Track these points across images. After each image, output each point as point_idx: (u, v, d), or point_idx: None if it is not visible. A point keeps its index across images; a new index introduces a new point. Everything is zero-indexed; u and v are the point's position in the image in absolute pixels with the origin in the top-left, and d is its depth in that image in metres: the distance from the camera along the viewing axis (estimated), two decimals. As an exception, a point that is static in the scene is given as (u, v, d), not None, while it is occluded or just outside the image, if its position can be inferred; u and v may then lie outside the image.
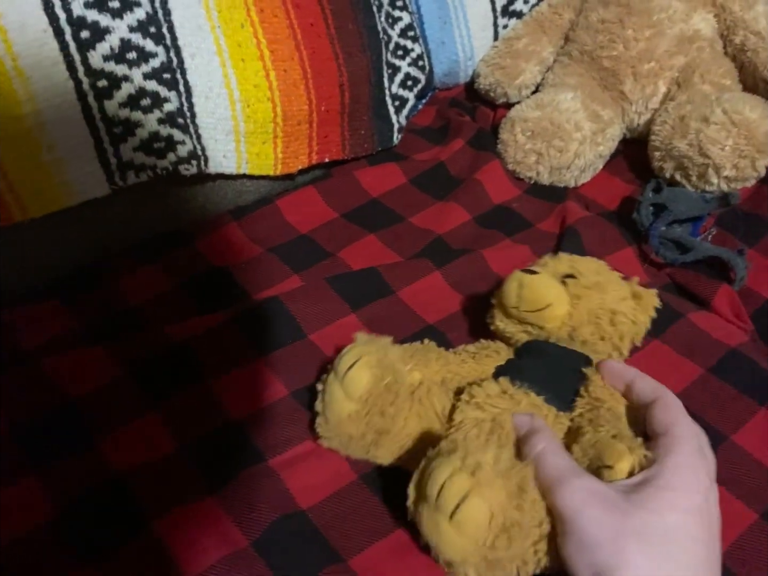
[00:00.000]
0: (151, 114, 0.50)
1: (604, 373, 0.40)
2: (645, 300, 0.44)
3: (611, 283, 0.44)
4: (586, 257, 0.47)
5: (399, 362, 0.41)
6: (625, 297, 0.44)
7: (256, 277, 0.55)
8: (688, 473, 0.33)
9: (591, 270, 0.45)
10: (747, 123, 0.57)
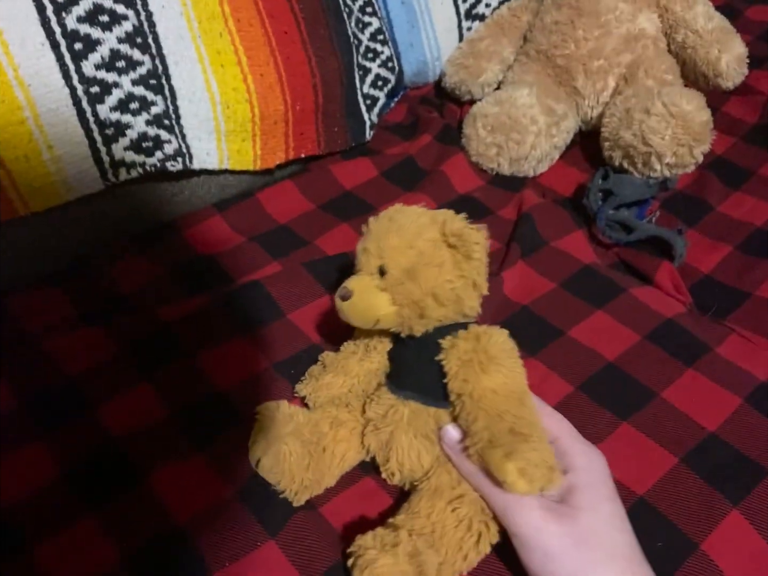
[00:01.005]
0: (139, 116, 0.55)
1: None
2: (463, 244, 0.40)
3: (421, 255, 0.40)
4: (391, 229, 0.42)
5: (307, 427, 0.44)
6: (440, 261, 0.40)
7: (239, 263, 0.60)
8: (594, 469, 0.40)
9: (396, 250, 0.41)
10: (684, 114, 0.62)
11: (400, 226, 0.42)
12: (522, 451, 0.35)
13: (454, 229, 0.40)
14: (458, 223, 0.41)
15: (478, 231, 0.41)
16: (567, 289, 0.58)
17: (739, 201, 0.67)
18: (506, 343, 0.40)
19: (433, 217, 0.42)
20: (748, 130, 0.75)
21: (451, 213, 0.43)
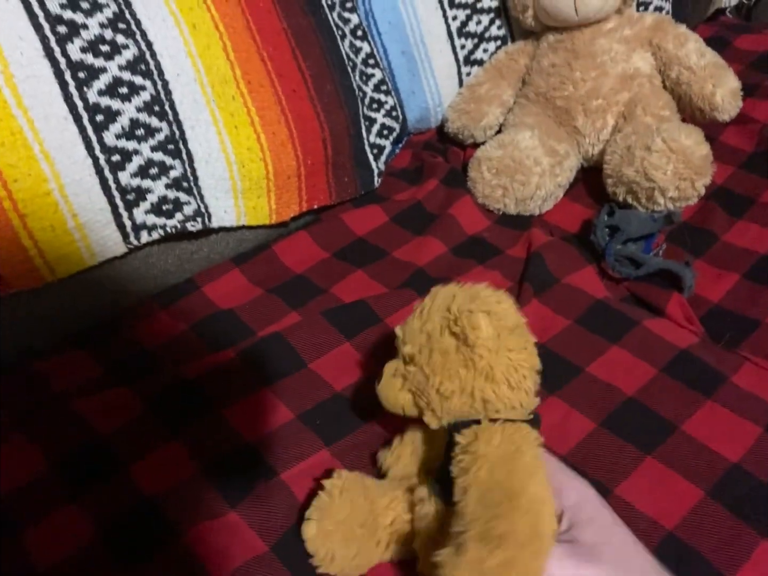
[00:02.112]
0: (159, 181, 0.57)
1: None
2: (461, 329, 0.36)
3: (429, 340, 0.38)
4: (420, 309, 0.40)
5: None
6: (444, 348, 0.37)
7: (259, 315, 0.62)
8: (589, 500, 0.38)
9: (413, 333, 0.39)
10: (684, 149, 0.64)
11: (426, 305, 0.39)
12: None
13: (453, 310, 0.37)
14: (464, 304, 0.37)
15: (482, 314, 0.36)
16: (582, 325, 0.59)
17: (743, 229, 0.68)
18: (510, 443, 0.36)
19: (462, 296, 0.38)
20: (746, 158, 0.77)
21: (476, 290, 0.39)
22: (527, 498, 0.33)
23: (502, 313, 0.38)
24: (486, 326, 0.36)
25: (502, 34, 0.81)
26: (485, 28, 0.80)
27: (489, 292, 0.39)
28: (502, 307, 0.38)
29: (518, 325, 0.39)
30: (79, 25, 0.52)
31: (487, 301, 0.38)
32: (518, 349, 0.38)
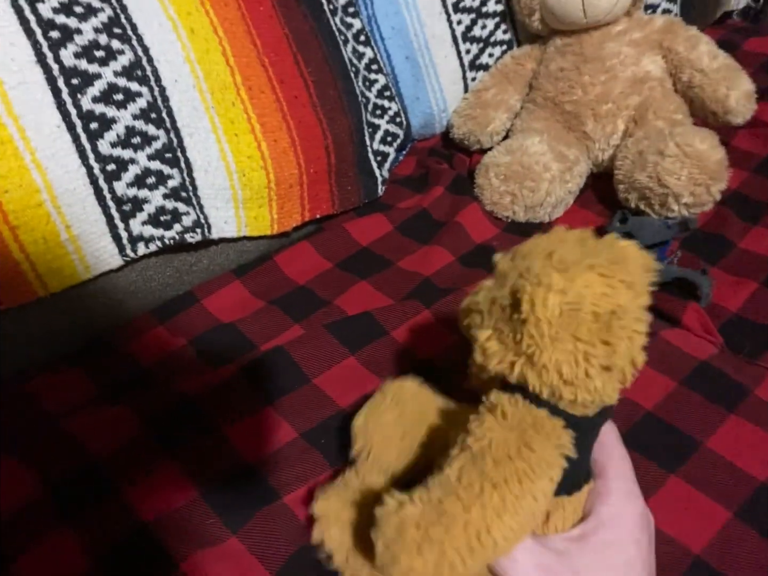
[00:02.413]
0: (156, 190, 0.55)
1: None
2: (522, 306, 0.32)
3: (495, 302, 0.34)
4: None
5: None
6: (504, 306, 0.33)
7: (260, 329, 0.60)
8: (619, 527, 0.35)
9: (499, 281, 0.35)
10: (698, 154, 0.62)
11: (523, 249, 0.37)
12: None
13: (523, 269, 0.33)
14: (544, 268, 0.32)
15: (550, 291, 0.31)
16: (596, 337, 0.57)
17: (759, 235, 0.66)
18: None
19: (560, 254, 0.33)
20: (760, 162, 0.75)
21: (591, 251, 0.34)
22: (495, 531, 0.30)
23: (588, 293, 0.31)
24: (543, 304, 0.30)
25: (507, 38, 0.80)
26: (490, 32, 0.78)
27: (603, 261, 0.32)
28: (598, 286, 0.31)
29: (619, 312, 0.32)
30: (72, 30, 0.50)
31: (583, 276, 0.31)
32: (593, 342, 0.31)
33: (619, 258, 0.34)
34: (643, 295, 0.34)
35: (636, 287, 0.33)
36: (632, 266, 0.34)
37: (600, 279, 0.32)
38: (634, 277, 0.33)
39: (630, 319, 0.33)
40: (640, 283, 0.34)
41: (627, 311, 0.33)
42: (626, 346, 0.33)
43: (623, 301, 0.32)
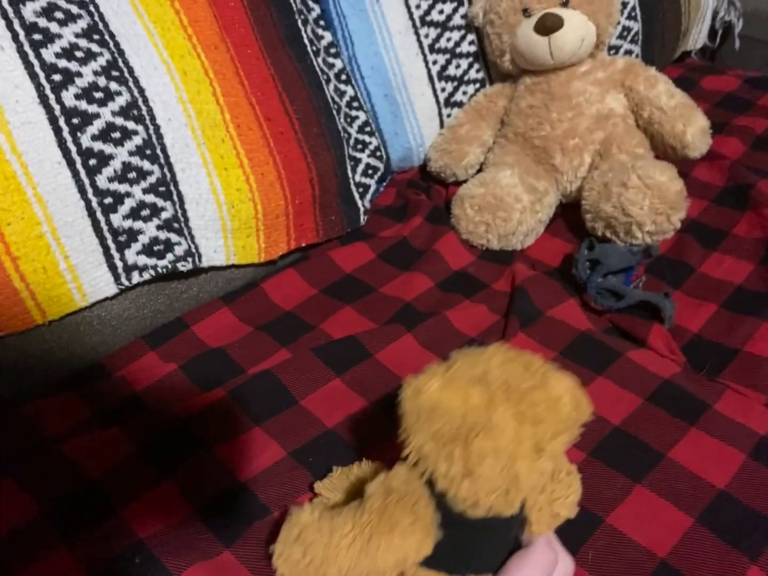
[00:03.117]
0: (150, 222, 0.58)
1: None
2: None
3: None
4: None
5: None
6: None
7: (249, 353, 0.62)
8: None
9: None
10: (659, 185, 0.67)
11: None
12: None
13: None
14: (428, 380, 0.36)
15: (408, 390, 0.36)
16: (567, 357, 0.60)
17: (718, 261, 0.70)
18: None
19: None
20: (718, 192, 0.80)
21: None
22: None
23: (456, 403, 0.34)
24: (411, 396, 0.35)
25: (480, 77, 0.85)
26: (464, 71, 0.83)
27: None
28: (476, 398, 0.34)
29: (485, 433, 0.33)
30: (73, 73, 0.53)
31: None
32: (451, 451, 0.33)
33: (539, 387, 0.35)
34: (550, 432, 0.34)
35: (545, 422, 0.34)
36: (551, 401, 0.34)
37: (479, 395, 0.34)
38: (544, 413, 0.34)
39: (507, 444, 0.33)
40: (553, 420, 0.34)
41: (500, 434, 0.33)
42: (491, 468, 0.33)
43: (499, 424, 0.33)
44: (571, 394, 0.35)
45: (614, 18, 0.76)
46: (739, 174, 0.80)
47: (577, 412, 0.35)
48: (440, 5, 0.80)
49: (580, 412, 0.36)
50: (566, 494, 0.41)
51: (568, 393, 0.35)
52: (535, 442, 0.34)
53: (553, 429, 0.34)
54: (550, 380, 0.35)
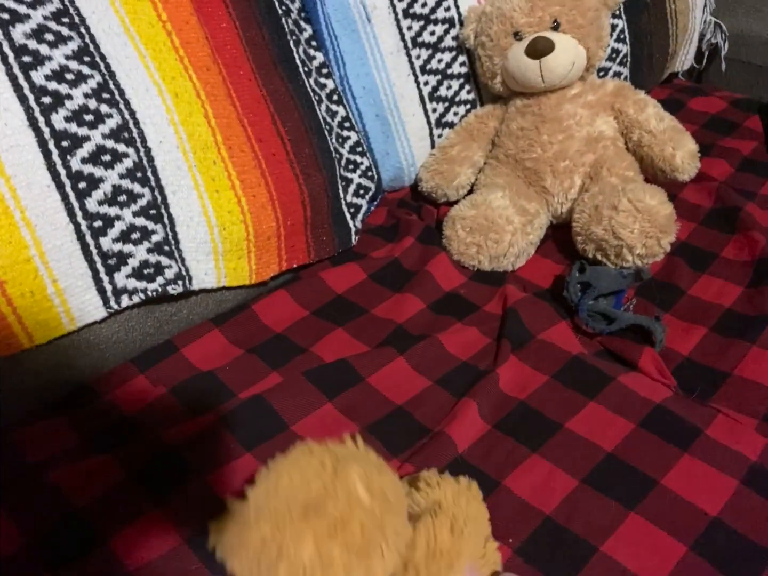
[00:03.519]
0: (141, 245, 0.57)
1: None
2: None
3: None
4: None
5: None
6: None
7: (239, 377, 0.61)
8: None
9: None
10: (649, 209, 0.67)
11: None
12: None
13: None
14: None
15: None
16: (560, 381, 0.60)
17: (707, 284, 0.71)
18: None
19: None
20: (706, 214, 0.81)
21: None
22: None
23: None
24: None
25: (471, 98, 0.85)
26: (455, 92, 0.83)
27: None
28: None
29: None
30: (63, 96, 0.53)
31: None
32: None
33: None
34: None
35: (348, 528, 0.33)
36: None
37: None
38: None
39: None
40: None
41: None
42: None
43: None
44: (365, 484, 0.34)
45: (604, 42, 0.77)
46: (727, 196, 0.81)
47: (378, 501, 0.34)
48: (432, 27, 0.80)
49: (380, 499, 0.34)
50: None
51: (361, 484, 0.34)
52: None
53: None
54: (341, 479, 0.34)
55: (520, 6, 0.74)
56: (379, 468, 0.36)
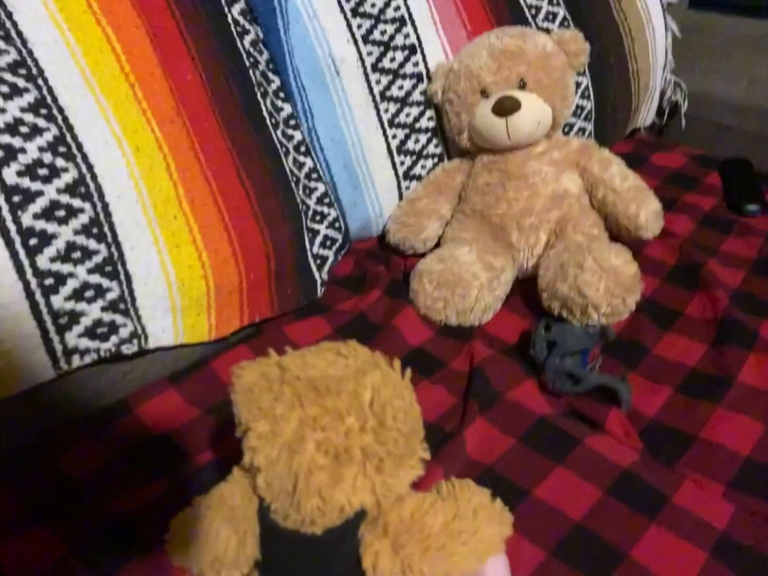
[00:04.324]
0: (94, 303, 0.55)
1: None
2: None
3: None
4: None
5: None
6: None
7: (196, 440, 0.59)
8: None
9: None
10: (614, 268, 0.68)
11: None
12: None
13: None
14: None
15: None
16: (526, 444, 0.59)
17: (671, 342, 0.71)
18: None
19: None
20: (670, 270, 0.82)
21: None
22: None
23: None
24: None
25: (439, 151, 0.85)
26: (423, 146, 0.84)
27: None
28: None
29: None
30: (16, 150, 0.51)
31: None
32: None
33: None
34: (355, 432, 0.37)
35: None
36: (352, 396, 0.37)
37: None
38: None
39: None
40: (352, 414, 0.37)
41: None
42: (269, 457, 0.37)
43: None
44: (377, 391, 0.37)
45: (569, 101, 0.78)
46: (690, 253, 0.82)
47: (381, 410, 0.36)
48: (400, 81, 0.80)
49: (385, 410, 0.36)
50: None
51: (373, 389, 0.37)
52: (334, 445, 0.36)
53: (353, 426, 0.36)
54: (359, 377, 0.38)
55: (487, 64, 0.75)
56: (398, 389, 0.39)
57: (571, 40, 0.78)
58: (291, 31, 0.76)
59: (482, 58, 0.75)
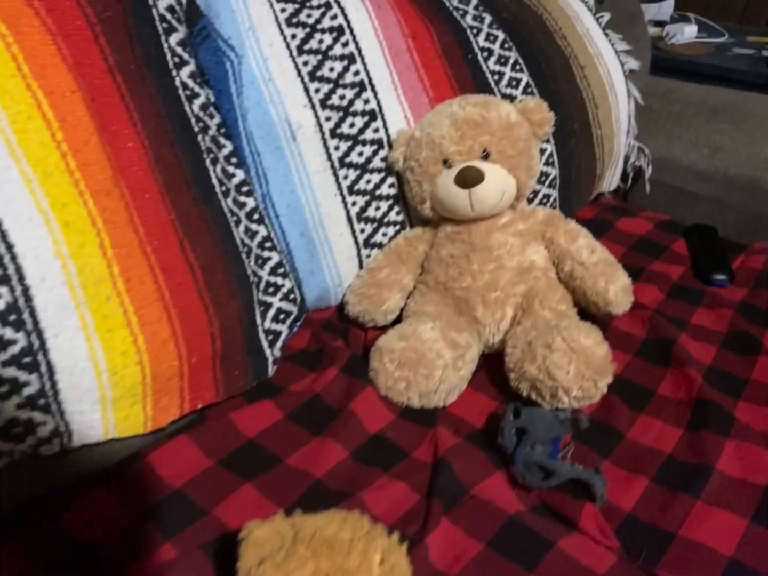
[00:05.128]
0: (9, 401, 0.49)
1: None
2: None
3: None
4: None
5: None
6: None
7: (127, 547, 0.52)
8: None
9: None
10: (584, 350, 0.64)
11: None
12: None
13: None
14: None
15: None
16: (495, 549, 0.54)
17: (645, 425, 0.67)
18: None
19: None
20: (639, 345, 0.78)
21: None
22: None
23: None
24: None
25: (400, 219, 0.82)
26: (384, 213, 0.80)
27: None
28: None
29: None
30: None
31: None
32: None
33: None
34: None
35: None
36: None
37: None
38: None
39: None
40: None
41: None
42: None
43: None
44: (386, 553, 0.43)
45: (534, 171, 0.76)
46: (660, 326, 0.80)
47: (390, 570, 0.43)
48: (360, 147, 0.77)
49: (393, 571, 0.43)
50: None
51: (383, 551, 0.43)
52: None
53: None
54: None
55: (450, 134, 0.72)
56: (403, 555, 0.45)
57: (535, 110, 0.76)
58: (244, 94, 0.73)
59: (444, 127, 0.72)
